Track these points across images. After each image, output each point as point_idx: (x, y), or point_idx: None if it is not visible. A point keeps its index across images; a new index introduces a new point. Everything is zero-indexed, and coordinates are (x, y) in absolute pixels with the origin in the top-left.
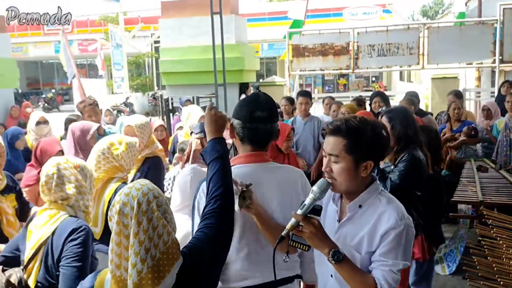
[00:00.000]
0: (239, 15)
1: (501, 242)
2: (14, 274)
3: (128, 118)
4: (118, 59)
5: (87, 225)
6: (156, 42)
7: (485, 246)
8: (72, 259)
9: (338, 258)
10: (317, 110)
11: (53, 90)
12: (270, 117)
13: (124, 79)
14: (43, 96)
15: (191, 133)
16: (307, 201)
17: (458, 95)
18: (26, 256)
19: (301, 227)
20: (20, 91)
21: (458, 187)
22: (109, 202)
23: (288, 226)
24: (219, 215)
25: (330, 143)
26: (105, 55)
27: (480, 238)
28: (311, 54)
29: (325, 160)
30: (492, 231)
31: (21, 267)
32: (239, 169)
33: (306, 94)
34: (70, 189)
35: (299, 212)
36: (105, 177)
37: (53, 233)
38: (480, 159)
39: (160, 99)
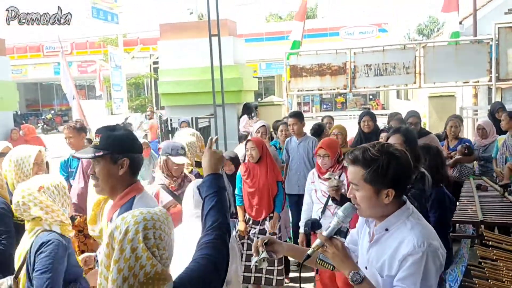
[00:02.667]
0: (237, 36)
1: (501, 264)
2: (6, 282)
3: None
4: (117, 80)
5: (58, 238)
6: (155, 63)
7: (485, 268)
8: (41, 271)
9: (357, 279)
10: None
11: (52, 111)
12: None
13: (123, 100)
14: (42, 117)
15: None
16: (332, 223)
17: (459, 118)
18: (16, 266)
19: (325, 247)
20: (19, 112)
21: (458, 206)
22: None
23: (313, 246)
24: (215, 245)
25: (351, 173)
26: (104, 76)
27: (481, 260)
28: (308, 74)
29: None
30: (492, 253)
31: (13, 276)
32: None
33: (294, 115)
34: (36, 211)
35: (324, 233)
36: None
37: (31, 246)
38: (479, 177)
39: (159, 120)
